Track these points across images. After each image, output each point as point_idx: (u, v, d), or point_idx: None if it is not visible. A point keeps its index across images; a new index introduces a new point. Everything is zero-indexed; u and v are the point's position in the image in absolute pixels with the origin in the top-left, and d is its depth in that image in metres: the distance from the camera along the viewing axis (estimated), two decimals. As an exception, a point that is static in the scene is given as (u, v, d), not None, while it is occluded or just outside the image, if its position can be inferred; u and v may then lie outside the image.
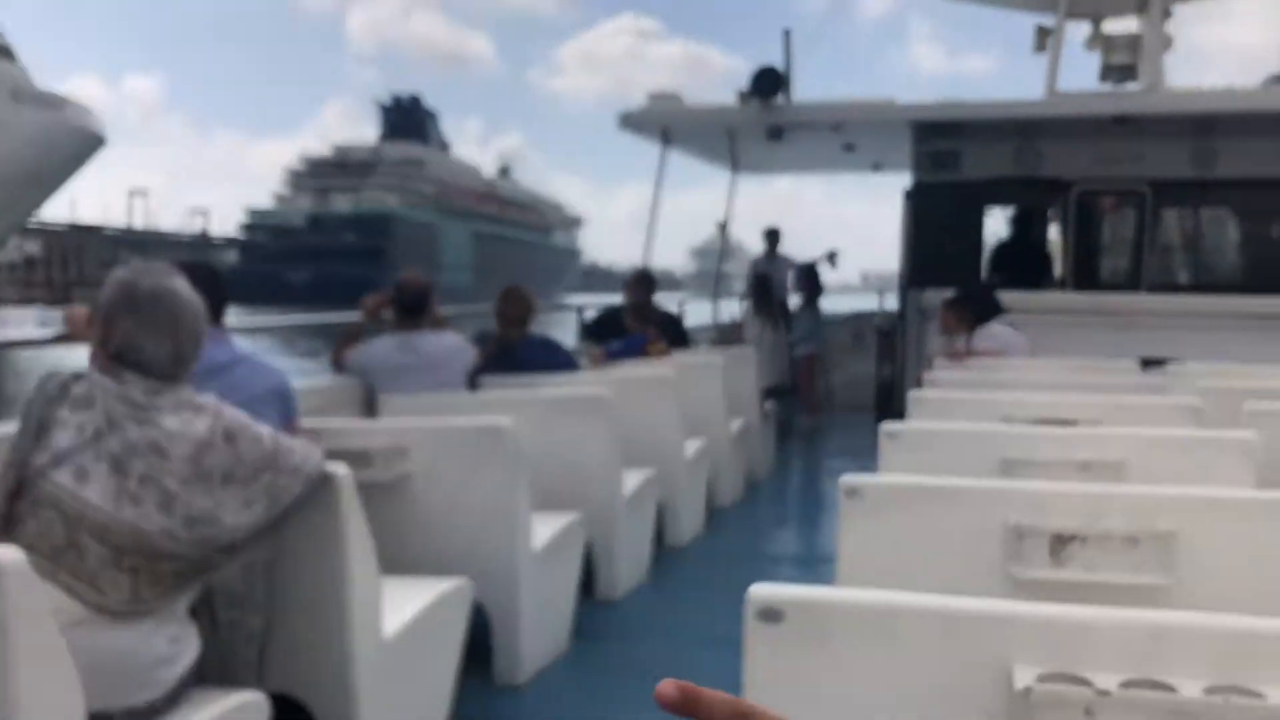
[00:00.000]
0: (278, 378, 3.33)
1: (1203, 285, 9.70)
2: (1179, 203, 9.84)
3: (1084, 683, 1.47)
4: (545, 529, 3.96)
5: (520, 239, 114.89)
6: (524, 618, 3.68)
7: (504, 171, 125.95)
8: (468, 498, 3.65)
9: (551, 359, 5.65)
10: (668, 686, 0.66)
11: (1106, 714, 1.46)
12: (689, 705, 0.66)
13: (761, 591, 1.60)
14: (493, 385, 4.99)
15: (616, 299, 7.89)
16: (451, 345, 4.99)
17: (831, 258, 11.66)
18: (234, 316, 4.46)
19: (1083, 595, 2.29)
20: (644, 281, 8.25)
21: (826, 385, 11.22)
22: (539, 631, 3.81)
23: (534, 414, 4.47)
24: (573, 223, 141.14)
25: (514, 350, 5.43)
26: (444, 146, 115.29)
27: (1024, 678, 1.49)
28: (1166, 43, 9.71)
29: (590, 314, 8.48)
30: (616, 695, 3.71)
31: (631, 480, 4.90)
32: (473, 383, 5.05)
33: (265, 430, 2.62)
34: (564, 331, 9.27)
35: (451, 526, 3.64)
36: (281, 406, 3.26)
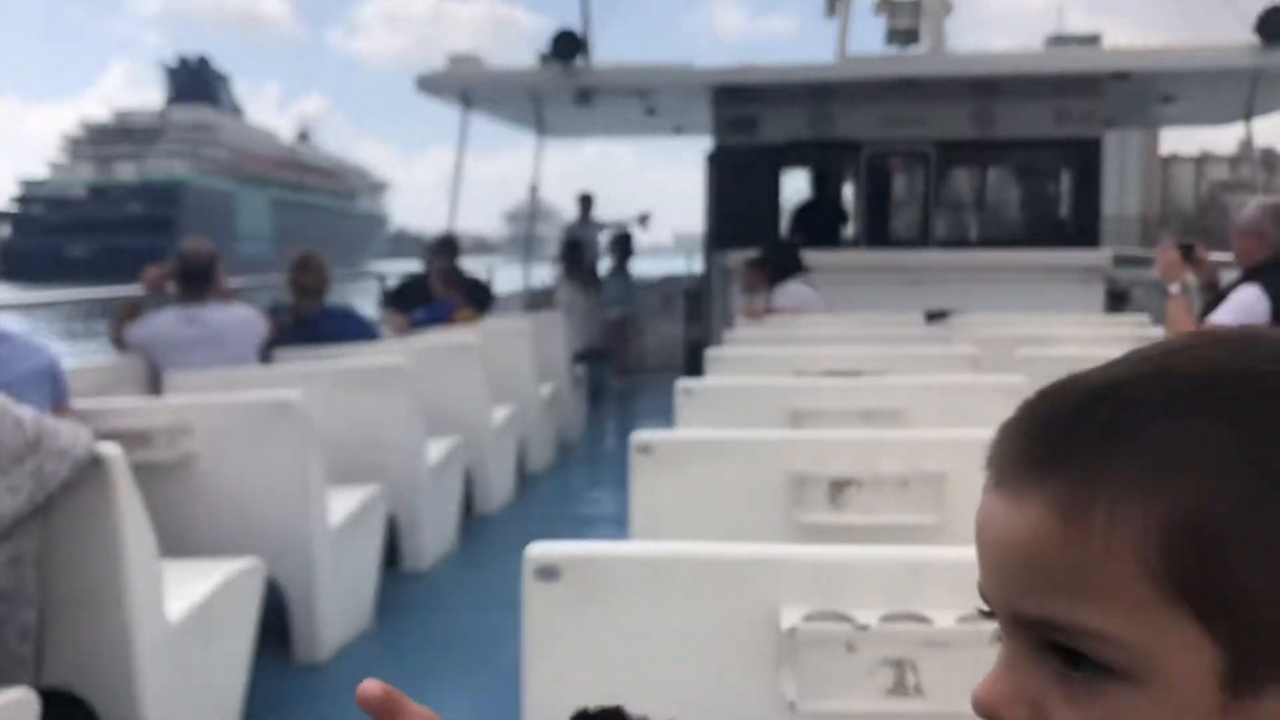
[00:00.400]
0: (44, 357, 3.13)
1: (986, 241, 10.23)
2: (962, 162, 10.32)
3: (846, 619, 1.53)
4: (343, 503, 3.87)
5: (322, 206, 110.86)
6: (322, 594, 3.59)
7: (303, 136, 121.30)
8: (257, 475, 3.53)
9: (350, 329, 5.51)
10: (371, 687, 0.62)
11: (867, 647, 1.52)
12: (387, 712, 0.62)
13: (538, 550, 1.60)
14: (287, 358, 4.83)
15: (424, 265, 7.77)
16: (240, 317, 4.80)
17: (643, 220, 11.76)
18: (4, 292, 4.17)
19: (860, 537, 2.39)
20: (448, 246, 8.14)
21: (639, 348, 11.35)
22: (339, 608, 3.73)
23: (329, 386, 4.35)
24: (378, 188, 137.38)
25: (310, 322, 5.26)
26: (237, 111, 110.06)
27: (790, 618, 1.54)
28: (947, 7, 10.12)
29: (392, 282, 8.31)
30: (421, 668, 3.67)
31: (436, 449, 4.83)
32: (266, 356, 4.87)
33: (27, 412, 2.47)
34: (367, 300, 9.07)
35: (242, 505, 3.52)
36: (50, 387, 3.07)
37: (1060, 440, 0.56)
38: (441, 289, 7.06)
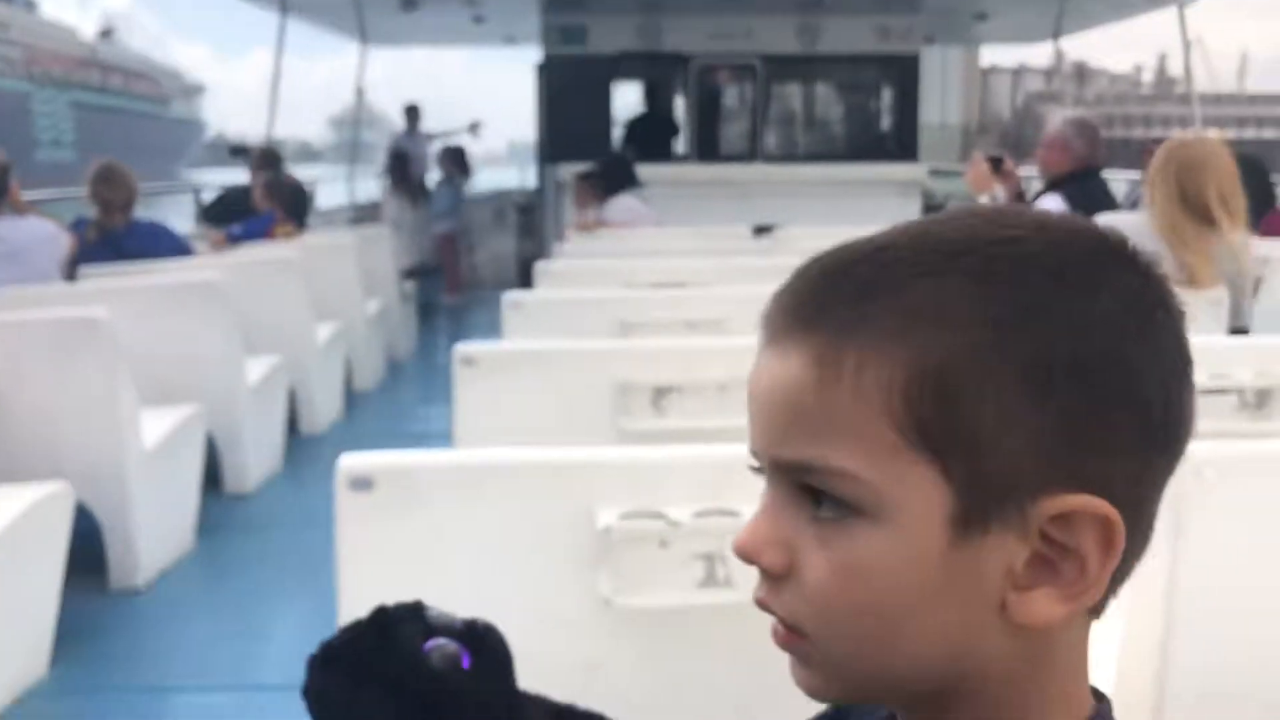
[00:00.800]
0: None
1: (812, 155, 10.43)
2: (788, 77, 10.45)
3: (660, 517, 1.57)
4: (158, 424, 3.73)
5: (131, 110, 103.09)
6: (137, 518, 3.46)
7: (106, 34, 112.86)
8: (63, 397, 3.37)
9: (160, 245, 5.25)
10: None
11: (679, 542, 1.56)
12: None
13: (351, 461, 1.58)
14: (93, 275, 4.58)
15: (245, 175, 7.41)
16: (39, 233, 4.53)
17: (474, 129, 11.51)
18: None
19: (682, 441, 2.44)
20: (270, 158, 7.81)
21: (471, 264, 11.20)
22: (157, 531, 3.61)
23: (139, 304, 4.15)
24: (194, 91, 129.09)
25: (115, 237, 4.99)
26: (29, 5, 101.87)
27: (605, 518, 1.56)
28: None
29: (209, 195, 7.95)
30: (246, 589, 3.60)
31: (256, 369, 4.68)
32: (71, 275, 4.61)
33: None
34: (181, 216, 8.66)
35: (47, 429, 3.35)
36: None
37: (823, 297, 0.59)
38: (263, 201, 6.77)
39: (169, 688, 2.96)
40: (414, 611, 0.80)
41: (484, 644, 0.80)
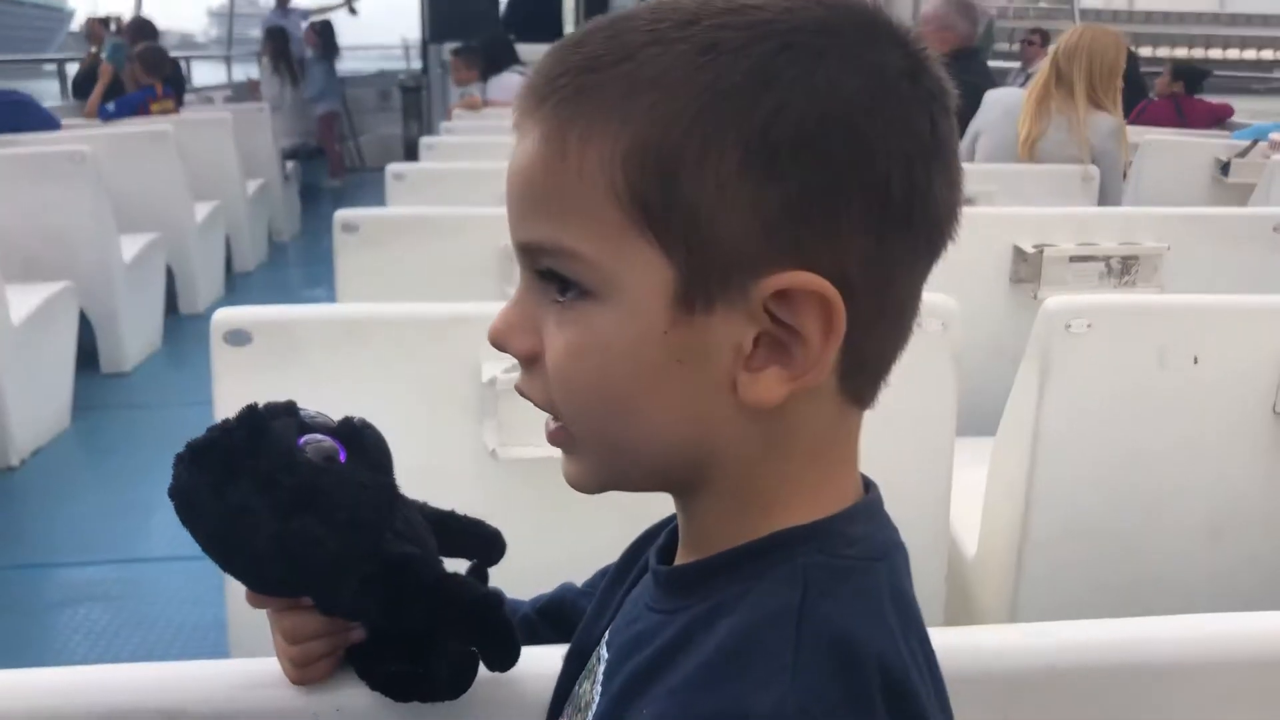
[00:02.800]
0: None
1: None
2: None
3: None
4: (25, 301, 3.58)
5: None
6: (6, 395, 3.34)
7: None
8: (-81, 269, 3.20)
9: (23, 118, 5.00)
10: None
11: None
12: None
13: (226, 315, 1.54)
14: (-53, 146, 4.33)
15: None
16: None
17: (350, 6, 11.04)
18: None
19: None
20: (144, 29, 7.41)
21: (356, 146, 10.88)
22: (28, 409, 3.48)
23: (2, 176, 3.96)
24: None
25: (-28, 109, 4.72)
26: None
27: (490, 370, 1.56)
28: None
29: (77, 68, 7.54)
30: (123, 466, 3.52)
31: (131, 245, 4.51)
32: (-77, 146, 4.36)
33: None
34: (48, 98, 8.19)
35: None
36: None
37: (554, 71, 0.56)
38: (141, 75, 6.43)
39: (48, 564, 2.91)
40: (287, 409, 0.78)
41: (360, 439, 0.79)
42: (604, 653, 0.67)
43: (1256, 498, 1.71)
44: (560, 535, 1.70)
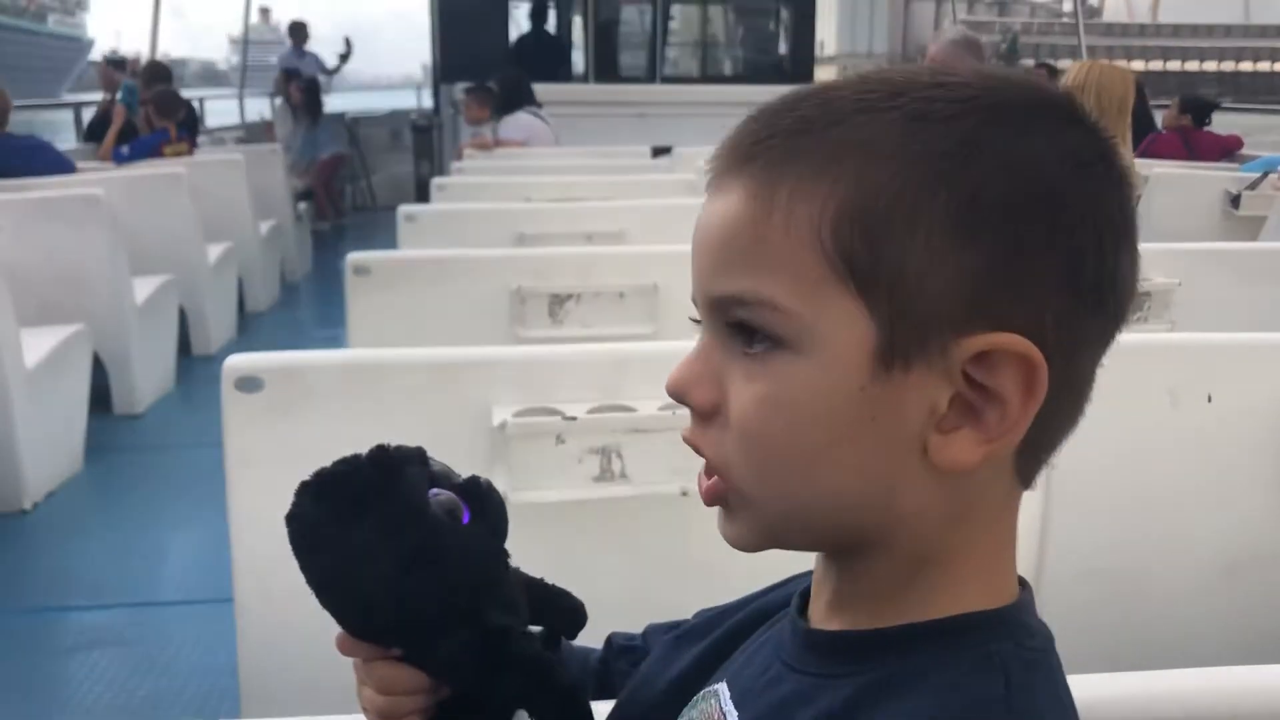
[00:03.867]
0: None
1: (710, 77, 10.38)
2: (687, -2, 10.35)
3: (555, 413, 1.58)
4: (39, 344, 3.60)
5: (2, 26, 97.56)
6: (20, 439, 3.35)
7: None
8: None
9: (39, 162, 5.04)
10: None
11: (575, 437, 1.57)
12: None
13: (237, 361, 1.55)
14: (-37, 191, 4.38)
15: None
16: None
17: (344, 57, 11.02)
18: None
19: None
20: (159, 73, 7.48)
21: (368, 185, 10.95)
22: (41, 452, 3.50)
23: (17, 220, 4.01)
24: (75, 6, 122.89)
25: (-10, 153, 4.77)
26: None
27: (501, 414, 1.57)
28: None
29: (93, 112, 7.62)
30: (136, 509, 3.53)
31: (144, 288, 4.54)
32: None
33: None
34: (63, 136, 8.28)
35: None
36: None
37: (762, 133, 0.59)
38: (155, 118, 6.49)
39: (61, 607, 2.90)
40: (419, 457, 0.77)
41: (485, 501, 0.77)
42: (725, 701, 0.66)
43: (1270, 538, 1.69)
44: (571, 581, 1.69)
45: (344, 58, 10.94)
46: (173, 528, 3.40)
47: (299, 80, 9.80)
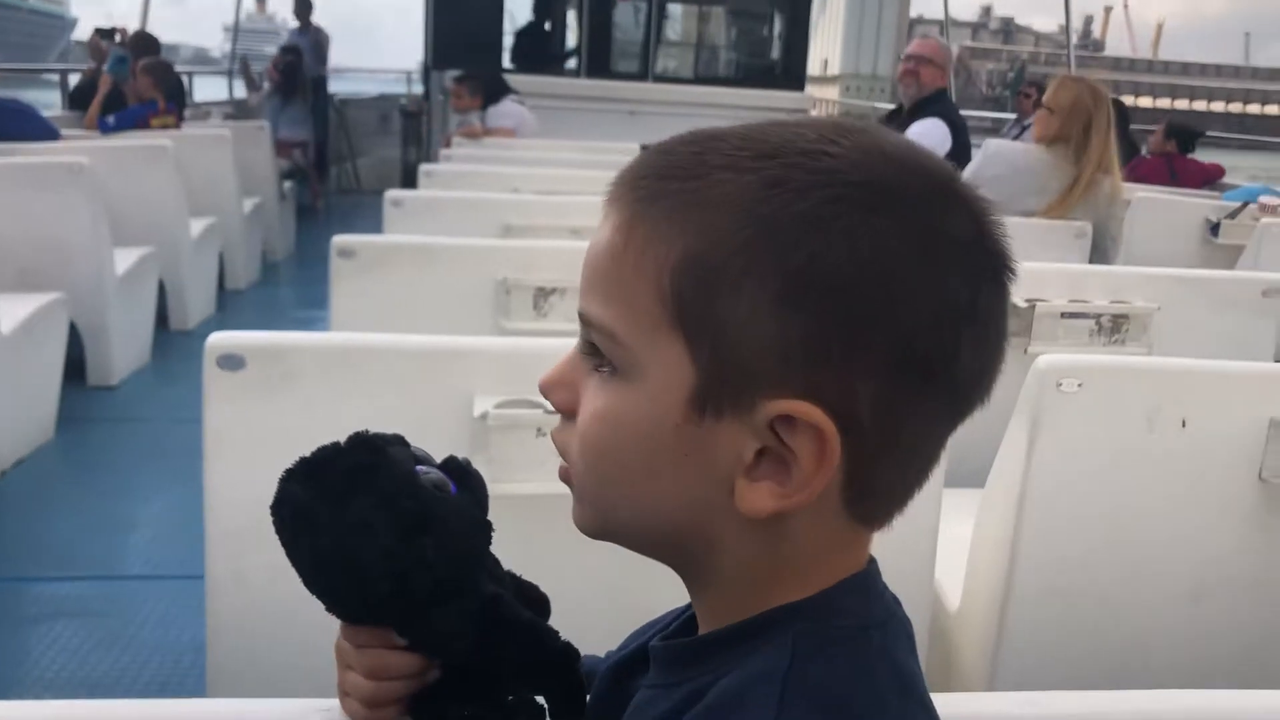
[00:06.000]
0: None
1: (703, 78, 10.38)
2: (682, -1, 10.36)
3: (536, 405, 1.57)
4: (14, 310, 3.57)
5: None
6: (-7, 405, 3.33)
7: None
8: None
9: (21, 127, 4.99)
10: None
11: (556, 432, 1.57)
12: None
13: (220, 339, 1.54)
14: (-56, 153, 4.33)
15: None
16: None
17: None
18: None
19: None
20: (148, 44, 7.41)
21: (354, 168, 10.91)
22: (12, 418, 3.47)
23: (-1, 184, 3.97)
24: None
25: (-29, 116, 4.72)
26: None
27: (483, 405, 1.57)
28: None
29: (78, 79, 7.54)
30: (108, 479, 3.51)
31: (125, 259, 4.51)
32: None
33: None
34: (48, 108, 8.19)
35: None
36: None
37: (642, 171, 0.63)
38: (147, 88, 6.42)
39: (26, 578, 2.88)
40: (398, 440, 0.79)
41: (468, 477, 0.80)
42: None
43: (1239, 563, 1.71)
44: (550, 573, 1.70)
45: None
46: (143, 501, 3.38)
47: (285, 57, 9.71)
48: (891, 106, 4.86)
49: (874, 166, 0.59)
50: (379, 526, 0.72)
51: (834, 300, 0.56)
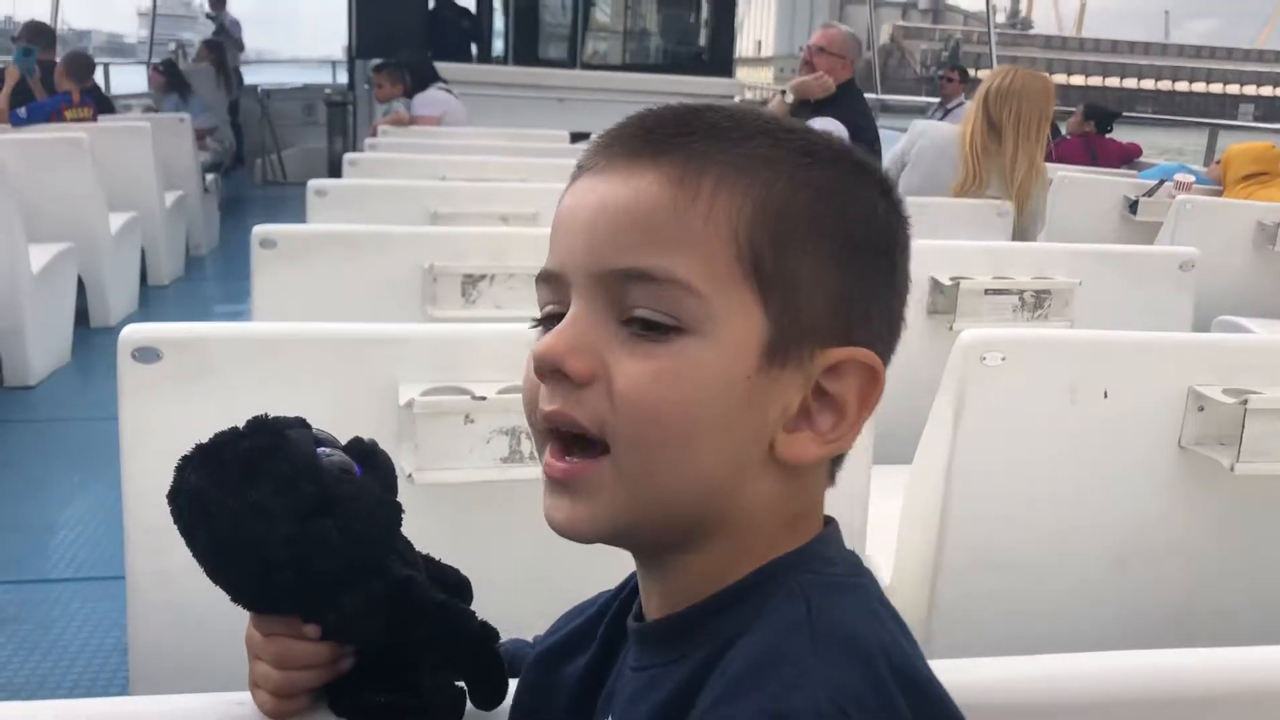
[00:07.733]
0: None
1: (631, 65, 10.36)
2: (611, -17, 10.32)
3: (464, 392, 1.56)
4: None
5: None
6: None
7: None
8: None
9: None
10: None
11: (484, 417, 1.55)
12: None
13: (134, 331, 1.50)
14: None
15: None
16: None
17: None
18: None
19: (492, 330, 2.42)
20: (40, 32, 7.19)
21: (279, 159, 10.73)
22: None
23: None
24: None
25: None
26: None
27: (409, 393, 1.54)
28: None
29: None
30: (22, 482, 3.41)
31: (40, 255, 4.39)
32: None
33: None
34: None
35: None
36: None
37: (673, 133, 0.64)
38: (65, 81, 6.23)
39: (-60, 584, 2.79)
40: (300, 422, 0.76)
41: (374, 458, 0.78)
42: None
43: (1161, 530, 1.75)
44: (477, 560, 1.67)
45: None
46: (63, 503, 3.29)
47: (208, 42, 9.55)
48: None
49: (842, 147, 0.68)
50: (278, 512, 0.70)
51: (867, 261, 0.65)
